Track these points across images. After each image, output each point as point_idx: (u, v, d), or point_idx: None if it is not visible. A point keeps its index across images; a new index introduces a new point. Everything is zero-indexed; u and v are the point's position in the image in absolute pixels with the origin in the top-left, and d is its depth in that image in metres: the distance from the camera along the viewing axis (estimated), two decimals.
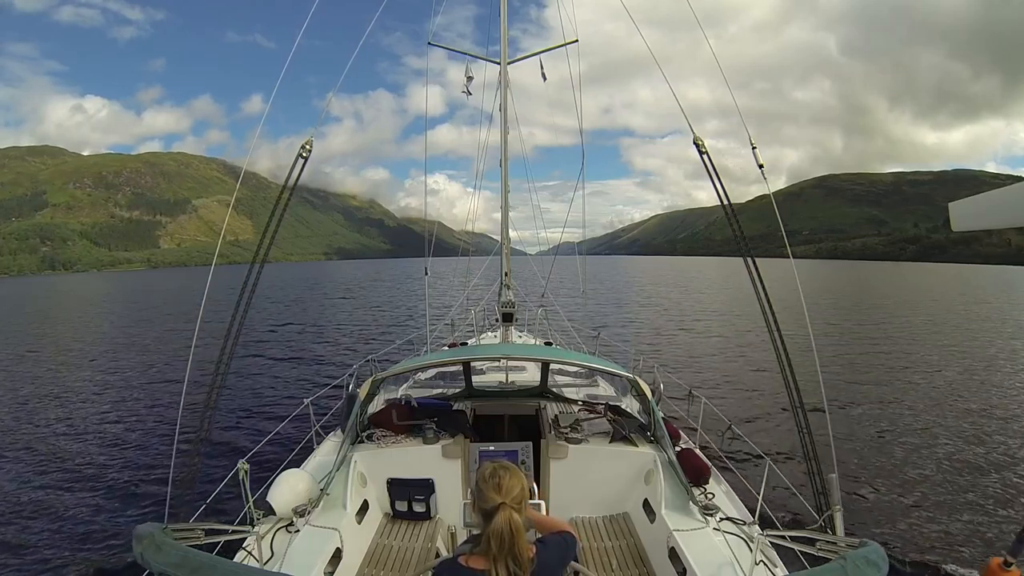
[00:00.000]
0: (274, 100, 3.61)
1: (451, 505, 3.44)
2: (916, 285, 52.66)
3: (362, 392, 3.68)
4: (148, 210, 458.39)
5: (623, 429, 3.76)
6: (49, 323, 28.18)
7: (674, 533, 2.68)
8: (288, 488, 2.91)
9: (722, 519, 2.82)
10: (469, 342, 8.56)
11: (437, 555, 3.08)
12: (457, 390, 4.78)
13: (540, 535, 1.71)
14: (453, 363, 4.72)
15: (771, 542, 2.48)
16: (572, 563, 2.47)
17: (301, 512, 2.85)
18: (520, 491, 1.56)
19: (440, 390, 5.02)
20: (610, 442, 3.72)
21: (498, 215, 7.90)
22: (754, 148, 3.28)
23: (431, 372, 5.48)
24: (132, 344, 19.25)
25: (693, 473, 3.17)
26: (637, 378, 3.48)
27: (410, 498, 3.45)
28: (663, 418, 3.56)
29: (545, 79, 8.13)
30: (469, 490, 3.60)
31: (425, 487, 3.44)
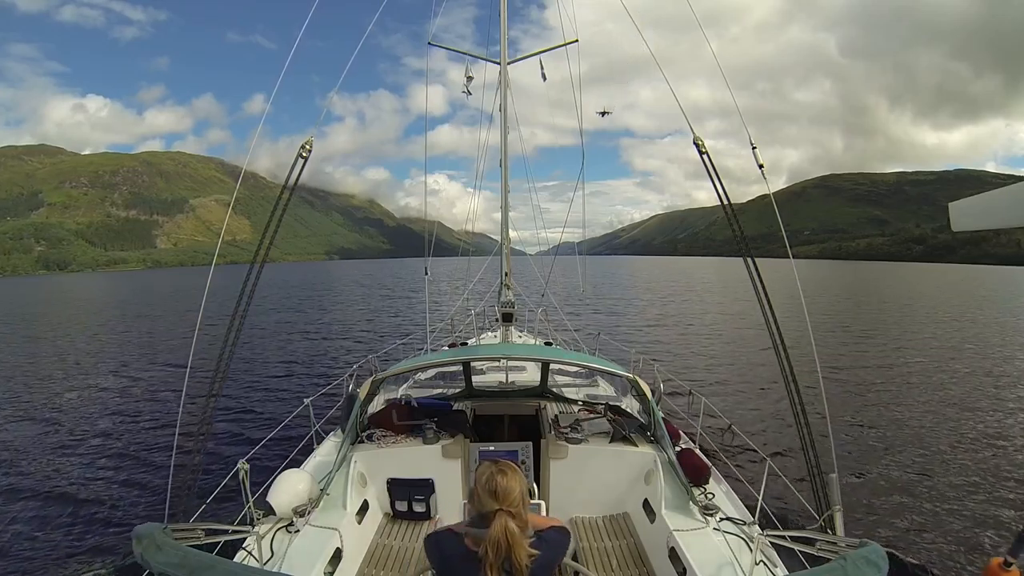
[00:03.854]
0: (276, 100, 3.60)
1: (451, 505, 3.44)
2: (920, 286, 52.75)
3: (362, 392, 3.68)
4: (145, 210, 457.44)
5: (623, 429, 3.76)
6: (46, 324, 28.10)
7: (674, 533, 2.68)
8: (288, 488, 2.90)
9: (722, 519, 2.82)
10: (469, 342, 8.56)
11: None
12: (457, 390, 4.78)
13: (539, 531, 1.70)
14: (453, 363, 4.72)
15: (771, 542, 2.49)
16: (572, 563, 2.47)
17: (301, 512, 2.84)
18: (519, 493, 1.55)
19: (440, 390, 5.02)
20: (610, 442, 3.72)
21: (498, 215, 7.90)
22: (754, 148, 3.28)
23: (431, 372, 5.48)
24: (131, 344, 19.22)
25: (693, 473, 3.17)
26: (637, 378, 3.48)
27: (410, 498, 3.45)
28: (663, 418, 3.56)
29: (545, 79, 8.12)
30: (469, 490, 3.59)
31: (425, 487, 3.44)
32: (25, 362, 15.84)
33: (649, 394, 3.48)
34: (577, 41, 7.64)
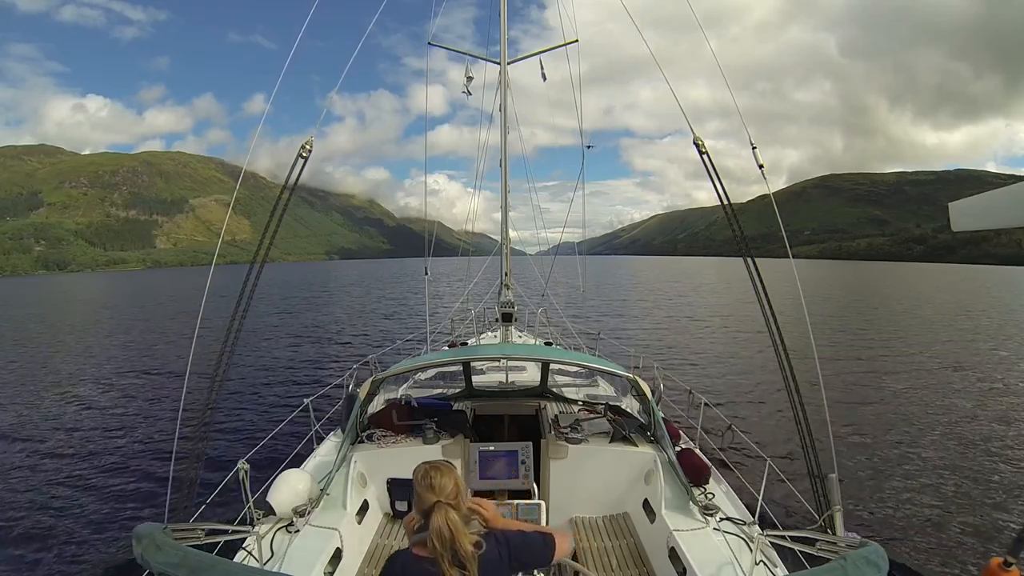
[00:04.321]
0: (276, 100, 3.60)
1: None
2: (920, 286, 52.74)
3: (362, 392, 3.68)
4: (145, 210, 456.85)
5: (623, 429, 3.76)
6: (46, 324, 28.09)
7: (674, 533, 2.68)
8: (288, 488, 2.90)
9: (722, 519, 2.82)
10: (469, 342, 8.56)
11: None
12: (457, 390, 4.78)
13: (491, 529, 1.71)
14: (453, 363, 4.72)
15: (771, 542, 2.49)
16: (572, 563, 2.46)
17: (301, 512, 2.85)
18: (453, 487, 1.62)
19: (440, 390, 5.02)
20: (610, 442, 3.72)
21: (498, 215, 7.91)
22: (754, 148, 3.28)
23: (431, 372, 5.48)
24: (131, 344, 19.22)
25: (693, 473, 3.17)
26: (637, 378, 3.48)
27: (410, 498, 3.44)
28: (663, 418, 3.56)
29: (545, 79, 8.12)
30: (469, 490, 3.58)
31: None
32: (24, 363, 15.83)
33: (649, 394, 3.48)
34: (577, 41, 7.65)
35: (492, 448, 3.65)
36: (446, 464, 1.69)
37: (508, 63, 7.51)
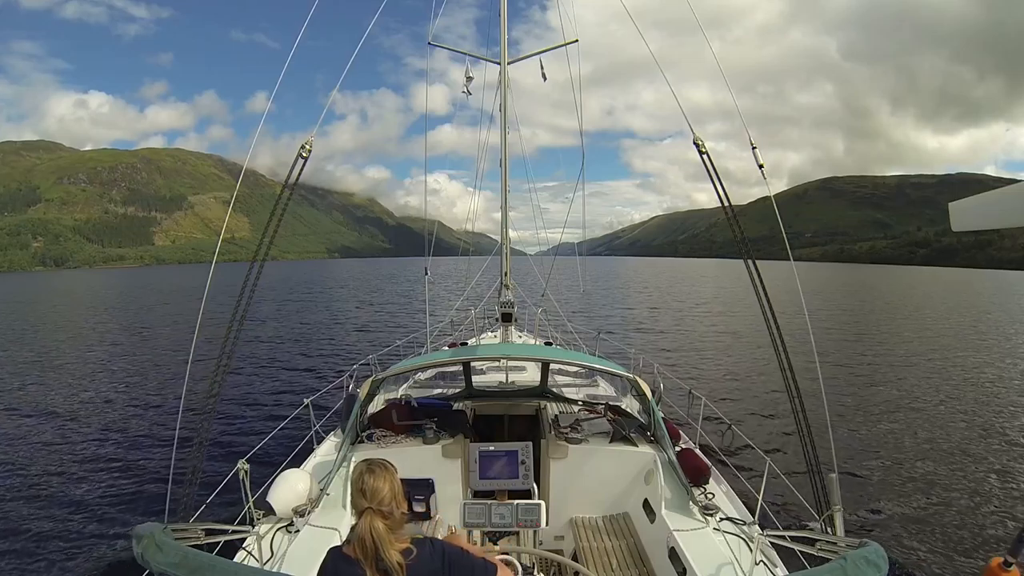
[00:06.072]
0: (279, 97, 3.60)
1: (451, 505, 3.44)
2: (921, 288, 52.79)
3: (362, 392, 3.68)
4: (143, 206, 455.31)
5: (623, 429, 3.76)
6: (45, 323, 28.04)
7: (674, 533, 2.68)
8: (288, 488, 2.90)
9: (722, 519, 2.83)
10: (469, 342, 8.56)
11: None
12: (457, 390, 4.78)
13: (431, 537, 1.66)
14: (453, 363, 4.72)
15: (771, 542, 2.49)
16: (572, 563, 2.46)
17: (301, 512, 2.84)
18: (388, 492, 1.56)
19: (440, 390, 5.03)
20: (610, 442, 3.72)
21: (498, 215, 7.91)
22: (754, 148, 3.27)
23: (431, 372, 5.48)
24: (130, 344, 19.19)
25: (693, 473, 3.17)
26: (637, 378, 3.48)
27: (410, 498, 3.43)
28: (663, 418, 3.57)
29: (545, 79, 8.12)
30: (469, 490, 3.59)
31: (425, 487, 3.44)
32: (24, 362, 15.80)
33: (649, 394, 3.48)
34: (577, 41, 7.64)
35: (492, 448, 3.65)
36: (383, 465, 1.64)
37: (508, 63, 7.51)
